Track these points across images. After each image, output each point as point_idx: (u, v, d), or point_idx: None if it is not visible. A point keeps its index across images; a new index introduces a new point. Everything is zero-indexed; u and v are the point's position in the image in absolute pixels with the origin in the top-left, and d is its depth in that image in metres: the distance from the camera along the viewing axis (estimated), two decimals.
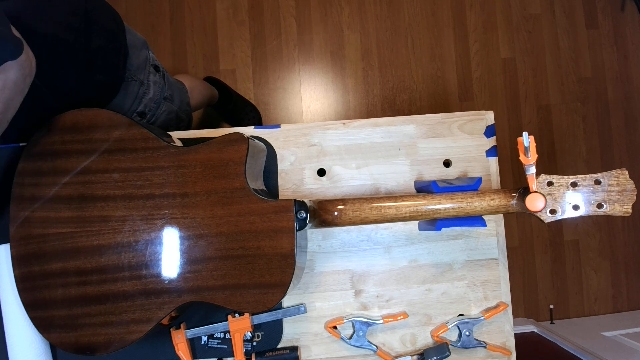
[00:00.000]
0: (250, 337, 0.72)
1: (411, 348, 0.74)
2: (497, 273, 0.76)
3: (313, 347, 0.74)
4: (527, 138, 0.57)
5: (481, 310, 0.75)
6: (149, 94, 0.91)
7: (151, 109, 0.93)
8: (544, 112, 1.75)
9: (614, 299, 1.71)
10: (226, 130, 0.76)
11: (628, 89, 1.78)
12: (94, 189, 0.64)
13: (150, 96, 0.91)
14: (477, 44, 1.75)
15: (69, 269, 0.63)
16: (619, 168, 0.61)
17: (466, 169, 0.77)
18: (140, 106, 0.90)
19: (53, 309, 0.63)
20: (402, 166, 0.77)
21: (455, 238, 0.76)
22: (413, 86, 1.73)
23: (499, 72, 1.75)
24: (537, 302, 1.69)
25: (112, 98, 0.83)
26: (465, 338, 0.73)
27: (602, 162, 1.74)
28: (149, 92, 0.91)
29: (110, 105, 0.84)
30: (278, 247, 0.62)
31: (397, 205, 0.64)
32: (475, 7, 1.76)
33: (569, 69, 1.76)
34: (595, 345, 1.31)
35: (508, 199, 0.63)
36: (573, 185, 0.61)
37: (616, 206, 0.60)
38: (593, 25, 1.78)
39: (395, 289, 0.75)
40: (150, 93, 0.91)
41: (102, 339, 0.63)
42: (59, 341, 0.63)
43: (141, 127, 0.66)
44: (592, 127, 1.76)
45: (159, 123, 0.97)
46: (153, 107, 0.93)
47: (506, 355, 0.74)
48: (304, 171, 0.77)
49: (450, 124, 0.78)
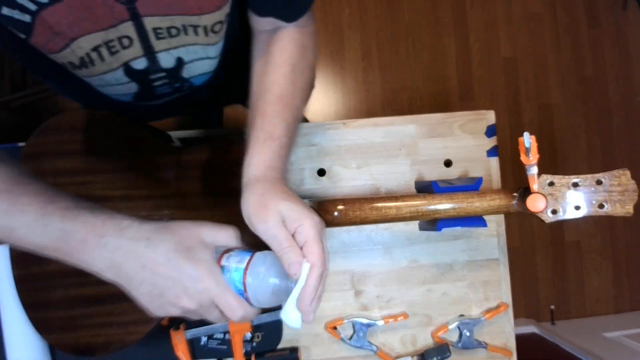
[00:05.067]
0: (250, 338, 0.72)
1: (411, 349, 0.74)
2: (498, 273, 0.75)
3: (313, 348, 0.73)
4: (528, 138, 0.56)
5: (482, 311, 0.75)
6: None
7: None
8: (545, 111, 1.75)
9: (616, 300, 1.70)
10: (226, 130, 0.76)
11: (629, 89, 1.77)
12: (94, 189, 0.64)
13: None
14: (478, 43, 1.75)
15: (68, 270, 0.63)
16: (621, 168, 0.61)
17: (467, 169, 0.77)
18: None
19: (52, 309, 0.63)
20: (403, 166, 0.77)
21: (455, 238, 0.76)
22: (413, 86, 1.72)
23: (500, 72, 1.74)
24: (538, 303, 1.68)
25: None
26: (466, 339, 0.73)
27: (604, 162, 1.73)
28: None
29: None
30: None
31: (398, 206, 0.64)
32: (475, 6, 1.75)
33: (570, 69, 1.76)
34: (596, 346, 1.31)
35: (509, 199, 0.63)
36: (574, 185, 0.61)
37: (618, 206, 0.60)
38: (594, 24, 1.78)
39: (395, 289, 0.75)
40: None
41: (101, 340, 0.63)
42: (58, 342, 0.63)
43: (141, 127, 0.66)
44: (593, 127, 1.75)
45: None
46: None
47: (507, 356, 0.74)
48: (304, 171, 0.76)
49: (451, 123, 0.77)
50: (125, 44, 0.47)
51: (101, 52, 0.47)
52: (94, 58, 0.48)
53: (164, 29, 0.48)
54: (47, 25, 0.42)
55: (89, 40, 0.45)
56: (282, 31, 0.53)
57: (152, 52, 0.50)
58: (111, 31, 0.45)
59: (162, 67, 0.54)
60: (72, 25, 0.43)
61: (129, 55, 0.49)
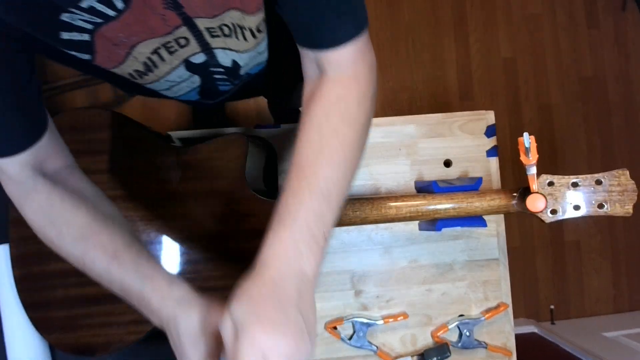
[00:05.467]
0: None
1: (411, 348, 0.74)
2: (498, 273, 0.75)
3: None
4: (528, 138, 0.57)
5: (482, 311, 0.75)
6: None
7: None
8: (544, 112, 1.75)
9: (615, 300, 1.70)
10: (226, 130, 0.76)
11: (629, 89, 1.77)
12: None
13: None
14: (478, 43, 1.75)
15: (68, 270, 0.63)
16: (620, 168, 0.61)
17: (467, 169, 0.77)
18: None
19: (52, 309, 0.63)
20: (403, 166, 0.77)
21: (455, 238, 0.76)
22: (413, 86, 1.72)
23: (500, 72, 1.74)
24: (537, 303, 1.68)
25: None
26: (466, 338, 0.73)
27: (603, 162, 1.73)
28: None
29: None
30: None
31: (397, 205, 0.64)
32: (475, 7, 1.75)
33: (570, 69, 1.76)
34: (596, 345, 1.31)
35: (509, 199, 0.63)
36: (574, 185, 0.61)
37: (617, 206, 0.60)
38: (594, 24, 1.78)
39: (395, 289, 0.75)
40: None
41: (101, 340, 0.63)
42: (58, 342, 0.63)
43: (141, 127, 0.66)
44: (593, 127, 1.75)
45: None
46: None
47: (507, 356, 0.74)
48: None
49: (451, 123, 0.77)
50: (182, 43, 0.47)
51: (160, 53, 0.47)
52: (155, 60, 0.48)
53: (216, 27, 0.47)
54: (106, 39, 0.43)
55: (148, 45, 0.45)
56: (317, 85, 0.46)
57: (208, 48, 0.49)
58: (167, 37, 0.46)
59: (219, 62, 0.53)
60: (130, 36, 0.44)
61: (188, 52, 0.49)
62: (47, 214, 0.48)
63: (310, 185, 0.42)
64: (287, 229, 0.41)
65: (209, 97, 0.63)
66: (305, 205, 0.41)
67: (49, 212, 0.48)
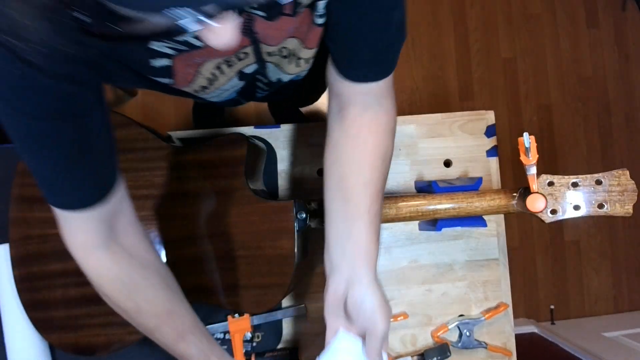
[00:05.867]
0: (250, 338, 0.72)
1: (411, 348, 0.74)
2: (498, 273, 0.75)
3: (313, 348, 0.73)
4: (528, 138, 0.57)
5: (482, 311, 0.75)
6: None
7: None
8: (544, 112, 1.75)
9: (615, 300, 1.70)
10: (226, 130, 0.76)
11: (629, 89, 1.77)
12: None
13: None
14: (478, 43, 1.75)
15: (68, 270, 0.63)
16: (620, 168, 0.61)
17: (467, 169, 0.77)
18: None
19: (52, 309, 0.63)
20: (403, 166, 0.77)
21: (455, 238, 0.76)
22: (413, 86, 1.72)
23: (500, 72, 1.75)
24: (537, 303, 1.68)
25: None
26: (466, 338, 0.73)
27: (603, 162, 1.74)
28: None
29: None
30: (278, 248, 0.62)
31: (398, 206, 0.64)
32: (475, 7, 1.75)
33: (570, 69, 1.76)
34: (596, 345, 1.31)
35: (508, 199, 0.63)
36: (574, 185, 0.61)
37: (617, 206, 0.60)
38: (594, 24, 1.78)
39: (395, 289, 0.75)
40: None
41: (101, 340, 0.63)
42: (59, 342, 0.63)
43: (141, 127, 0.66)
44: (593, 127, 1.76)
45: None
46: None
47: (507, 356, 0.74)
48: (304, 171, 0.76)
49: (451, 124, 0.78)
50: (241, 57, 0.49)
51: (222, 68, 0.49)
52: (216, 74, 0.50)
53: (277, 49, 0.49)
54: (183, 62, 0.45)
55: (213, 62, 0.47)
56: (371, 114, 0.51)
57: (262, 61, 0.51)
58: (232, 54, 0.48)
59: (267, 74, 0.55)
60: (203, 57, 0.46)
61: (244, 64, 0.51)
62: (127, 288, 0.50)
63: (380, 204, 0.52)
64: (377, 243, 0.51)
65: (245, 98, 0.64)
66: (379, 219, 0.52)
67: (129, 287, 0.50)
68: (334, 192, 0.52)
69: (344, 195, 0.51)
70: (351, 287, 0.49)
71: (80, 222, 0.46)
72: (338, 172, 0.52)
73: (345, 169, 0.51)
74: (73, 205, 0.45)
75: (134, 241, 0.51)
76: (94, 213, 0.45)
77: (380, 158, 0.51)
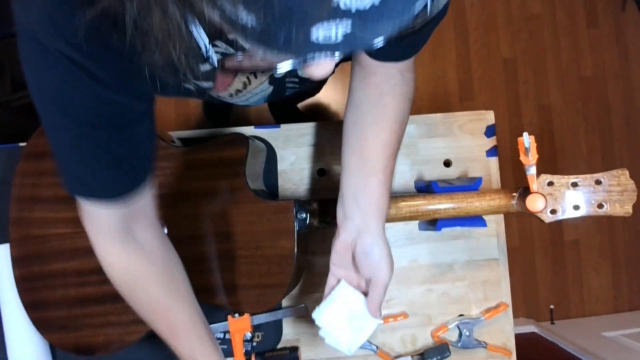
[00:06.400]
0: (250, 338, 0.72)
1: (411, 348, 0.74)
2: (498, 273, 0.76)
3: (313, 347, 0.74)
4: (528, 138, 0.57)
5: (481, 311, 0.75)
6: None
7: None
8: (544, 112, 1.75)
9: (615, 299, 1.70)
10: (226, 130, 0.76)
11: (629, 89, 1.77)
12: None
13: None
14: (478, 43, 1.75)
15: (68, 270, 0.63)
16: (620, 168, 0.61)
17: (466, 169, 0.77)
18: None
19: (53, 309, 0.63)
20: (402, 166, 0.77)
21: (455, 238, 0.76)
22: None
23: (500, 72, 1.75)
24: (537, 303, 1.68)
25: None
26: (466, 338, 0.73)
27: (603, 162, 1.74)
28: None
29: None
30: (278, 248, 0.62)
31: (398, 205, 0.64)
32: (475, 7, 1.75)
33: (570, 69, 1.76)
34: (595, 345, 1.31)
35: (508, 199, 0.63)
36: (574, 185, 0.61)
37: (617, 206, 0.60)
38: (594, 25, 1.78)
39: (395, 289, 0.75)
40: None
41: (101, 340, 0.63)
42: (59, 341, 0.63)
43: None
44: (592, 127, 1.76)
45: None
46: None
47: (506, 356, 0.74)
48: (304, 171, 0.76)
49: (451, 124, 0.78)
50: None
51: (256, 72, 0.51)
52: (250, 79, 0.52)
53: None
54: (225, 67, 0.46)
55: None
56: (392, 83, 0.55)
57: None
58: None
59: (297, 73, 0.57)
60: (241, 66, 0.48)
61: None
62: (132, 281, 0.53)
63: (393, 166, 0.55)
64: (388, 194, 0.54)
65: (273, 99, 0.66)
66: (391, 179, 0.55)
67: (134, 280, 0.52)
68: (353, 149, 0.55)
69: (362, 153, 0.54)
70: (361, 236, 0.51)
71: (105, 215, 0.48)
72: (358, 132, 0.55)
73: (366, 129, 0.54)
74: (103, 195, 0.46)
75: (151, 239, 0.53)
76: (119, 208, 0.47)
77: (398, 122, 0.55)
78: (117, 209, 0.47)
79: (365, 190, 0.53)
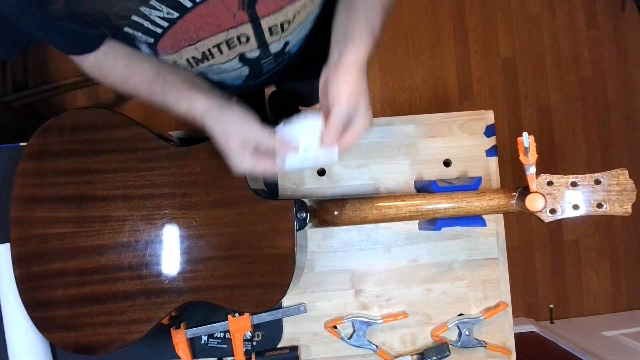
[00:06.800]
0: (250, 337, 0.73)
1: (411, 348, 0.74)
2: (497, 273, 0.76)
3: (313, 347, 0.74)
4: (527, 138, 0.57)
5: (481, 310, 0.75)
6: None
7: None
8: (544, 112, 1.75)
9: (614, 299, 1.71)
10: None
11: (628, 89, 1.78)
12: (94, 189, 0.64)
13: None
14: (477, 43, 1.75)
15: (69, 269, 0.64)
16: (619, 168, 0.61)
17: (466, 168, 0.77)
18: None
19: (53, 309, 0.63)
20: (402, 166, 0.77)
21: (455, 238, 0.76)
22: (413, 86, 1.73)
23: (499, 72, 1.75)
24: (537, 302, 1.69)
25: None
26: (465, 338, 0.73)
27: (602, 161, 1.74)
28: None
29: None
30: (278, 247, 0.62)
31: (397, 205, 0.64)
32: (475, 7, 1.76)
33: (569, 69, 1.76)
34: (595, 344, 1.31)
35: (508, 199, 0.63)
36: (573, 184, 0.61)
37: (616, 206, 0.60)
38: (593, 25, 1.78)
39: (395, 288, 0.75)
40: None
41: (102, 339, 0.63)
42: (60, 341, 0.63)
43: (141, 127, 0.66)
44: (592, 127, 1.76)
45: None
46: None
47: (506, 355, 0.74)
48: (304, 171, 0.77)
49: (450, 123, 0.78)
50: (242, 40, 0.53)
51: (221, 48, 0.53)
52: (214, 52, 0.54)
53: (278, 25, 0.53)
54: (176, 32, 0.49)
55: (212, 40, 0.52)
56: None
57: (265, 45, 0.55)
58: (231, 31, 0.51)
59: (271, 53, 0.59)
60: (198, 30, 0.50)
61: (245, 49, 0.55)
62: (125, 63, 0.59)
63: (384, 11, 0.55)
64: (372, 38, 0.52)
65: (253, 80, 0.67)
66: (380, 22, 0.54)
67: (126, 62, 0.59)
68: (342, 7, 0.55)
69: (349, 6, 0.54)
70: (332, 68, 0.52)
71: (87, 57, 0.58)
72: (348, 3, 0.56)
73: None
74: (82, 52, 0.57)
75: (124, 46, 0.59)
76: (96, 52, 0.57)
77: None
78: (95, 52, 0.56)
79: (347, 29, 0.53)
